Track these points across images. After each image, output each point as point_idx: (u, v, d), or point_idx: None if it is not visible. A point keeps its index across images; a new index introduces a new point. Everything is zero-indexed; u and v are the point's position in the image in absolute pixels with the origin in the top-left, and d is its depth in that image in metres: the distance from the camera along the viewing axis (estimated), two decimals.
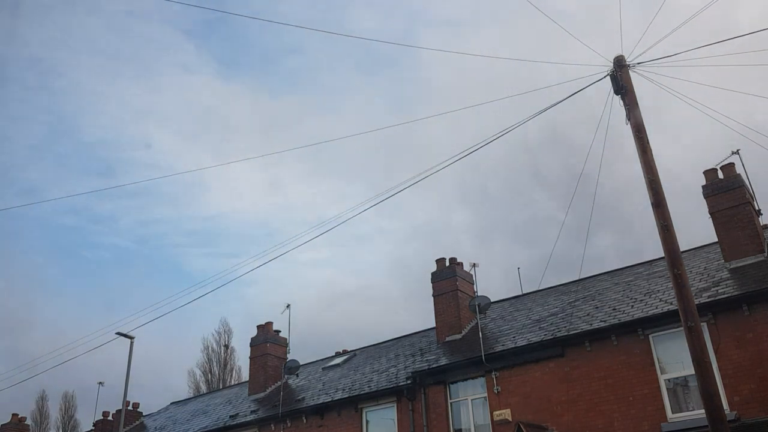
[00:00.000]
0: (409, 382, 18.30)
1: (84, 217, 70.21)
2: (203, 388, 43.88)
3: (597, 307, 17.09)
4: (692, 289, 12.00)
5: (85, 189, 68.72)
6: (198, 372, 45.93)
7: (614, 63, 11.02)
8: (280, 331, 25.59)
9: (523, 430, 14.60)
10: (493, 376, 16.81)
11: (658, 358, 14.64)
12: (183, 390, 53.28)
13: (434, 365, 18.20)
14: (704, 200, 17.01)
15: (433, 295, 21.24)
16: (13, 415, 29.13)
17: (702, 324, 12.35)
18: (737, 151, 17.29)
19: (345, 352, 26.29)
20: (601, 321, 15.89)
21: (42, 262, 63.98)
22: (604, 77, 11.05)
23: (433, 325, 21.41)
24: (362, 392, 19.32)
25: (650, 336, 14.83)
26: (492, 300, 20.47)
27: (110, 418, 28.20)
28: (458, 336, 19.94)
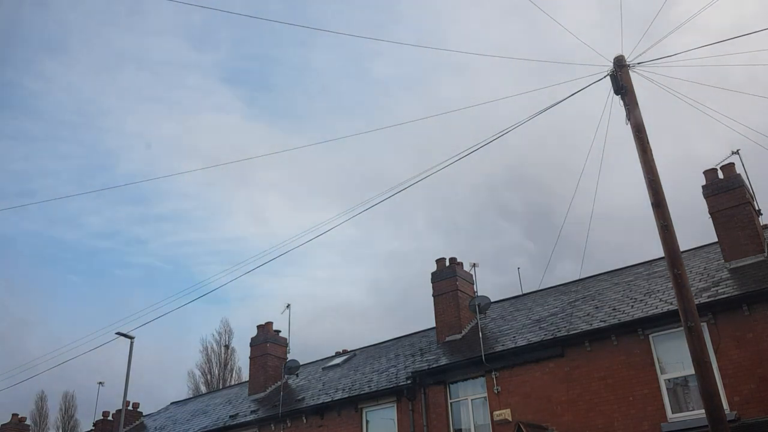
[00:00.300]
0: (409, 382, 18.30)
1: (118, 241, 75.49)
2: (203, 389, 43.85)
3: (597, 307, 17.09)
4: (692, 289, 12.00)
5: (121, 216, 74.84)
6: (198, 372, 45.95)
7: (614, 63, 11.02)
8: (280, 331, 25.59)
9: (523, 430, 14.60)
10: (493, 376, 16.81)
11: (658, 358, 14.64)
12: (183, 390, 53.37)
13: (434, 365, 18.21)
14: (704, 200, 17.02)
15: (433, 295, 21.23)
16: (13, 415, 29.14)
17: (702, 324, 12.35)
18: (737, 151, 17.30)
19: (345, 352, 26.28)
20: (601, 321, 15.89)
21: (76, 281, 69.07)
22: (604, 77, 11.06)
23: (433, 325, 21.42)
24: (362, 392, 19.32)
25: (650, 336, 14.83)
26: (492, 300, 20.47)
27: (110, 418, 28.19)
28: (458, 336, 19.94)
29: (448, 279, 21.08)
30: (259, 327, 25.76)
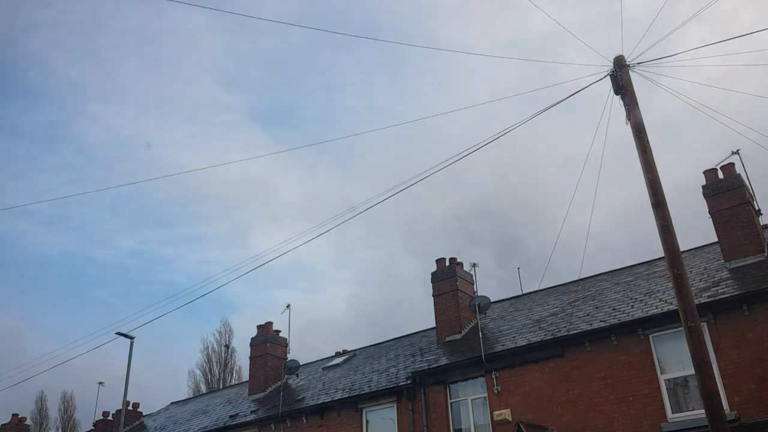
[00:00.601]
0: (409, 382, 18.30)
1: (146, 259, 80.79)
2: (203, 389, 43.85)
3: (597, 307, 17.09)
4: (692, 289, 12.00)
5: (150, 237, 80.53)
6: (198, 372, 45.96)
7: (614, 63, 11.02)
8: (280, 331, 25.59)
9: (523, 430, 14.60)
10: (493, 376, 16.80)
11: (658, 358, 14.64)
12: (183, 390, 53.49)
13: (434, 365, 18.20)
14: (704, 200, 17.01)
15: (433, 295, 21.23)
16: (13, 415, 29.15)
17: (702, 324, 12.36)
18: (737, 151, 17.29)
19: (345, 352, 26.28)
20: (601, 321, 15.89)
21: (102, 294, 74.46)
22: (604, 77, 11.07)
23: (433, 325, 21.41)
24: (362, 392, 19.32)
25: (650, 336, 14.83)
26: (492, 300, 20.47)
27: (110, 418, 28.19)
28: (458, 336, 19.94)
29: (448, 279, 21.08)
30: (259, 327, 25.75)
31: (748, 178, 17.09)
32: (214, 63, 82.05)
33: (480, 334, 18.07)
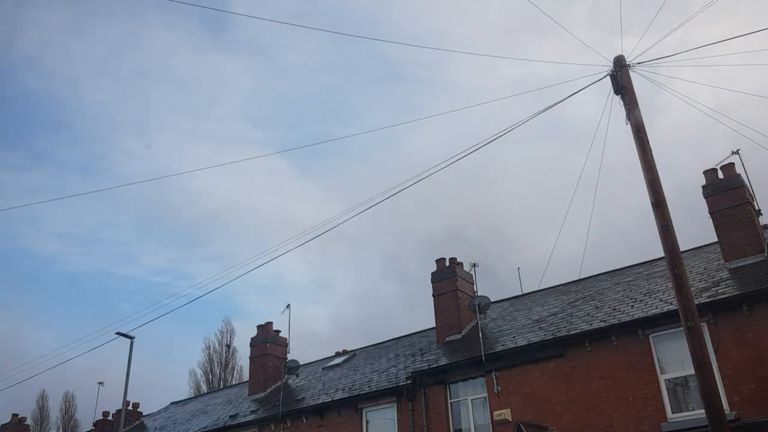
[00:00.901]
0: (409, 382, 18.30)
1: (171, 276, 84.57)
2: (204, 388, 43.88)
3: (597, 307, 17.08)
4: (692, 289, 12.00)
5: (174, 255, 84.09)
6: (199, 372, 46.00)
7: (614, 63, 11.02)
8: (280, 331, 25.59)
9: (523, 430, 14.60)
10: (493, 376, 16.80)
11: (658, 358, 14.63)
12: (183, 390, 53.59)
13: (434, 365, 18.20)
14: (704, 200, 17.01)
15: (433, 295, 21.23)
16: (13, 415, 29.16)
17: (702, 324, 12.37)
18: (737, 151, 17.29)
19: (345, 352, 26.27)
20: (601, 321, 15.89)
21: (127, 308, 77.93)
22: (604, 77, 11.06)
23: (433, 325, 21.41)
24: (362, 392, 19.31)
25: (650, 336, 14.82)
26: (492, 300, 20.47)
27: (110, 418, 28.19)
28: (458, 336, 19.93)
29: (448, 279, 21.08)
30: (259, 327, 25.75)
31: (748, 178, 17.11)
32: (245, 103, 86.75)
33: (480, 334, 18.07)
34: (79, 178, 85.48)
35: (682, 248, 10.42)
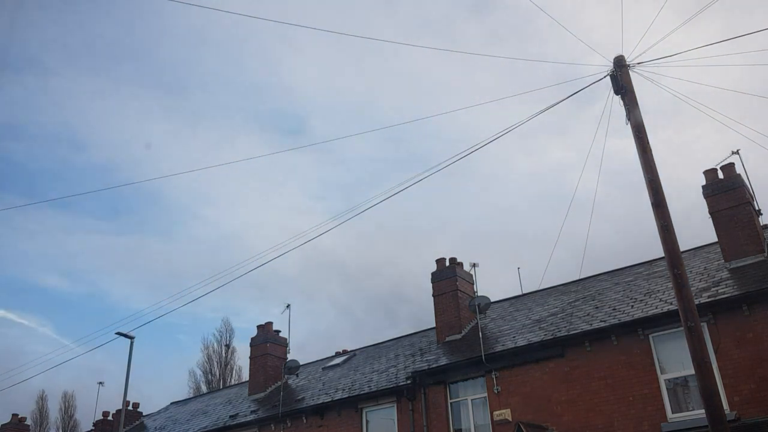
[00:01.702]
0: (409, 382, 18.30)
1: (224, 312, 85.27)
2: (203, 388, 43.89)
3: (597, 307, 17.09)
4: (692, 289, 12.01)
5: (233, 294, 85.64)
6: (198, 372, 46.01)
7: (614, 63, 11.02)
8: (280, 331, 25.59)
9: (523, 430, 14.60)
10: (493, 376, 16.80)
11: (658, 358, 14.64)
12: (183, 390, 53.67)
13: (434, 365, 18.20)
14: (704, 200, 17.01)
15: (433, 295, 21.23)
16: (13, 415, 29.17)
17: (702, 324, 12.37)
18: (737, 151, 17.29)
19: (345, 352, 26.27)
20: (601, 321, 15.89)
21: (184, 339, 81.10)
22: (604, 77, 11.07)
23: (433, 325, 21.41)
24: (362, 392, 19.31)
25: (650, 336, 14.83)
26: (492, 300, 20.47)
27: (110, 418, 28.19)
28: (458, 336, 19.93)
29: (448, 279, 21.07)
30: (259, 327, 25.75)
31: (748, 178, 17.10)
32: (307, 184, 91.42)
33: (480, 334, 18.08)
34: (162, 244, 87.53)
35: (682, 248, 10.43)
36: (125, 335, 21.46)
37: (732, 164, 17.05)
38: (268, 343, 25.01)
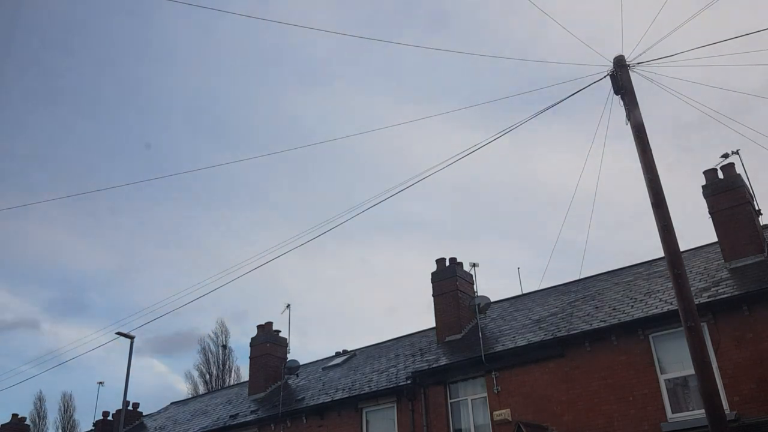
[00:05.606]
0: (409, 382, 18.30)
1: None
2: (201, 389, 43.96)
3: (597, 307, 17.09)
4: (692, 289, 12.00)
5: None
6: (196, 373, 46.12)
7: (614, 63, 11.02)
8: (280, 331, 25.59)
9: (523, 430, 14.61)
10: (493, 376, 16.81)
11: (658, 358, 14.64)
12: (183, 390, 53.84)
13: (434, 365, 18.21)
14: (704, 200, 17.01)
15: (433, 295, 21.23)
16: (13, 415, 29.20)
17: (702, 324, 12.37)
18: (737, 151, 17.29)
19: (345, 352, 26.27)
20: (601, 321, 15.89)
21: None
22: (604, 77, 11.07)
23: (433, 325, 21.41)
24: (362, 392, 19.31)
25: (650, 336, 14.83)
26: (492, 300, 20.47)
27: (110, 418, 28.20)
28: (458, 336, 19.94)
29: (448, 279, 21.07)
30: (259, 327, 25.74)
31: (748, 178, 17.11)
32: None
33: (480, 334, 18.08)
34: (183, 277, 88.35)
35: (682, 248, 10.43)
36: (125, 335, 21.47)
37: (732, 164, 17.06)
38: (268, 343, 25.01)
